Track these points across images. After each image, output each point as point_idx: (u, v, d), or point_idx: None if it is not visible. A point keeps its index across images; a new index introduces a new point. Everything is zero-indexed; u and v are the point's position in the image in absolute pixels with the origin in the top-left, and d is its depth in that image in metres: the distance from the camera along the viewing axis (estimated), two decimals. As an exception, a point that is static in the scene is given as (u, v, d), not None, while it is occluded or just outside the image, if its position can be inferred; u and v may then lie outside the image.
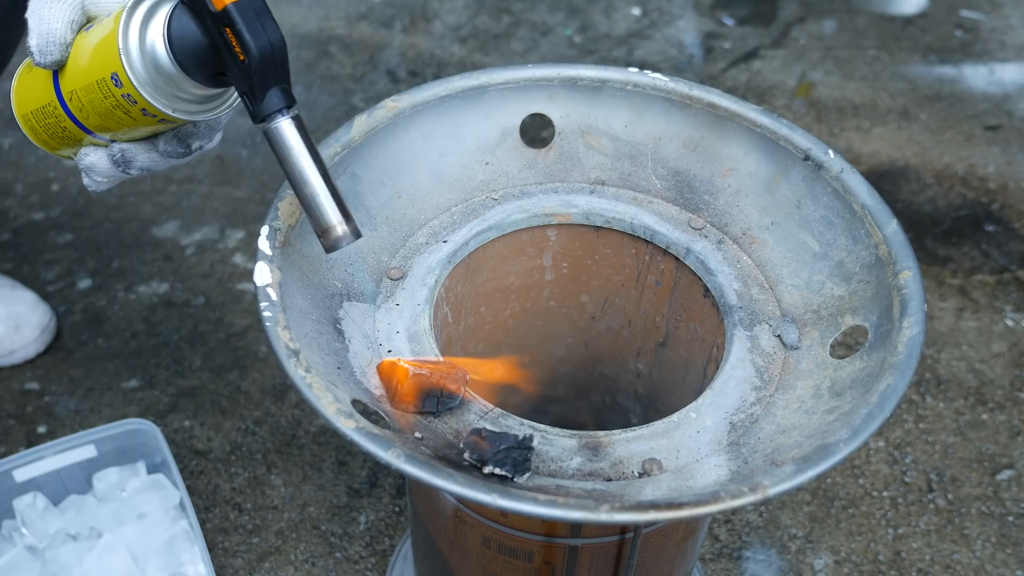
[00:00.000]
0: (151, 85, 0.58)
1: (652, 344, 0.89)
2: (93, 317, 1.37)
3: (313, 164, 0.58)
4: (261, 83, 0.56)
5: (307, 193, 0.59)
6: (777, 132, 0.77)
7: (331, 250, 0.60)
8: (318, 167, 0.59)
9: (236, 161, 1.65)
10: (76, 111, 0.62)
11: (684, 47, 1.95)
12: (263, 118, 0.58)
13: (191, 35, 0.57)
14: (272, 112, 0.57)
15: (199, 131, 0.64)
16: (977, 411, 1.26)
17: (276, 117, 0.58)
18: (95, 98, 0.60)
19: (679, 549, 0.80)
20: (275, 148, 0.59)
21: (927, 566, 1.10)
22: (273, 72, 0.57)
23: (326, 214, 0.59)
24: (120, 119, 0.60)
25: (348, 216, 0.59)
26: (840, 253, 0.73)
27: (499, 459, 0.59)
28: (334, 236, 0.59)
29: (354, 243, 0.61)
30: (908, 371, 0.61)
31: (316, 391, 0.58)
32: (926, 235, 1.52)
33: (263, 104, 0.57)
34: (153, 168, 0.65)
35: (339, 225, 0.59)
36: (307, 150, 0.58)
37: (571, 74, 0.82)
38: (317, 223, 0.59)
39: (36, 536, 1.03)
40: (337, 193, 0.59)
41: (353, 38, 1.96)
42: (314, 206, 0.59)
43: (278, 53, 0.56)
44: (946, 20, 2.02)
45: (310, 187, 0.58)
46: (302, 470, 1.18)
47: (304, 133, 0.58)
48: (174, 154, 0.64)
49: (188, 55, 0.57)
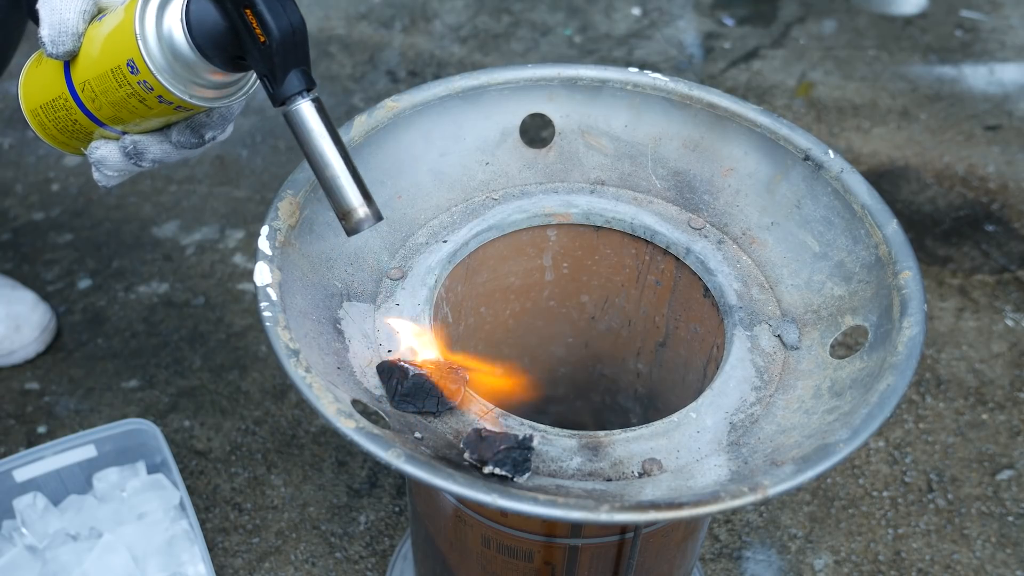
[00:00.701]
0: (168, 71, 0.57)
1: (652, 344, 0.89)
2: (93, 317, 1.37)
3: (334, 146, 0.58)
4: (282, 65, 0.56)
5: (328, 175, 0.58)
6: (777, 132, 0.77)
7: (353, 232, 0.59)
8: (339, 149, 0.58)
9: (236, 161, 1.65)
10: (88, 102, 0.62)
11: (684, 47, 1.95)
12: (283, 100, 0.57)
13: (210, 18, 0.57)
14: (293, 94, 0.57)
15: (212, 121, 0.64)
16: (977, 411, 1.26)
17: (296, 99, 0.57)
18: (109, 87, 0.59)
19: (679, 549, 0.80)
20: (296, 130, 0.58)
21: (927, 566, 1.10)
22: (294, 54, 0.56)
23: (347, 196, 0.58)
24: (134, 108, 0.60)
25: (369, 198, 0.59)
26: (840, 253, 0.73)
27: (499, 459, 0.59)
28: (356, 219, 0.58)
29: (352, 242, 0.61)
30: (908, 371, 0.61)
31: (316, 391, 0.58)
32: (926, 235, 1.52)
33: (284, 86, 0.57)
34: (165, 160, 0.65)
35: (360, 208, 0.58)
36: (328, 132, 0.58)
37: (571, 74, 0.82)
38: (338, 206, 0.59)
39: (36, 536, 1.03)
40: (358, 175, 0.59)
41: (353, 38, 1.96)
42: (335, 188, 0.58)
43: (299, 34, 0.56)
44: (946, 20, 2.02)
45: (331, 169, 0.58)
46: (302, 470, 1.18)
47: (325, 115, 0.58)
48: (187, 144, 0.64)
49: (207, 39, 0.57)
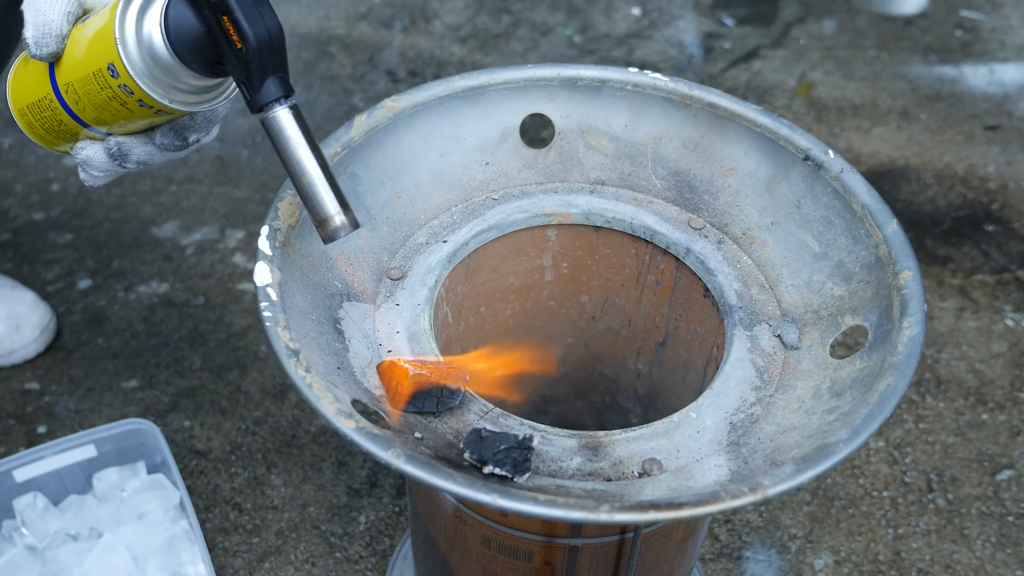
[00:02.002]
0: (148, 75, 0.57)
1: (652, 344, 0.89)
2: (93, 317, 1.37)
3: (311, 154, 0.58)
4: (258, 72, 0.56)
5: (305, 183, 0.58)
6: (777, 132, 0.77)
7: (329, 240, 0.59)
8: (316, 157, 0.58)
9: (236, 161, 1.65)
10: (72, 104, 0.62)
11: (684, 47, 1.95)
12: (260, 107, 0.57)
13: (188, 24, 0.56)
14: (270, 101, 0.57)
15: (196, 124, 0.64)
16: (977, 411, 1.26)
17: (274, 106, 0.57)
18: (91, 90, 0.59)
19: (679, 549, 0.80)
20: (273, 138, 0.58)
21: (927, 566, 1.10)
22: (271, 61, 0.56)
23: (324, 204, 0.58)
24: (116, 111, 0.60)
25: (346, 206, 0.58)
26: (840, 253, 0.73)
27: (499, 459, 0.59)
28: (332, 227, 0.58)
29: (352, 242, 0.61)
30: (908, 371, 0.61)
31: (316, 391, 0.58)
32: (926, 235, 1.52)
33: (260, 93, 0.57)
34: (150, 162, 0.65)
35: (337, 215, 0.58)
36: (305, 140, 0.58)
37: (571, 74, 0.82)
38: (315, 213, 0.58)
39: (36, 536, 1.03)
40: (336, 183, 0.58)
41: (353, 38, 1.96)
42: (312, 196, 0.58)
43: (276, 41, 0.56)
44: (946, 20, 2.02)
45: (308, 177, 0.58)
46: (302, 470, 1.18)
47: (302, 123, 0.58)
48: (171, 147, 0.64)
49: (185, 44, 0.57)
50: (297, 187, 0.59)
